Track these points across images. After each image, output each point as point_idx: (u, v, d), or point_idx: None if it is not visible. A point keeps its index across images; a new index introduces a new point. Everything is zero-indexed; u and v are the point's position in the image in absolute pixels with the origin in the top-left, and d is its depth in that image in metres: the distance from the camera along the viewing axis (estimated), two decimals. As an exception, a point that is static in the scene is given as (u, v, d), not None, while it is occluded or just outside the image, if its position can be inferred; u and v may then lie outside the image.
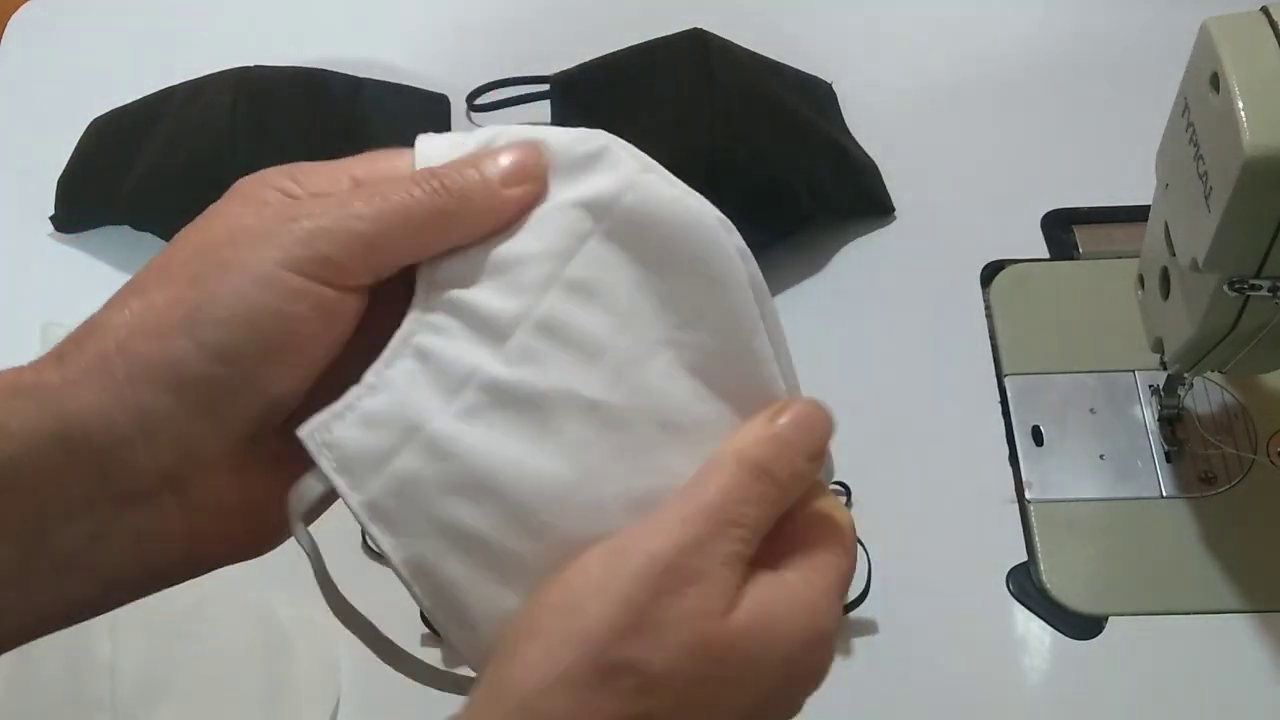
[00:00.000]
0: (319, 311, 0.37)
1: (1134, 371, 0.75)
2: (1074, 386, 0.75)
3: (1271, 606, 0.67)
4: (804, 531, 0.39)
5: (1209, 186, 0.54)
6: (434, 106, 0.90)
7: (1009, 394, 0.75)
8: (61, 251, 0.86)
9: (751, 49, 0.88)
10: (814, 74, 0.90)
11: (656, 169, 0.40)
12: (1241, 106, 0.51)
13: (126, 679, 0.62)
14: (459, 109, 0.90)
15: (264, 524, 0.40)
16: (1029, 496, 0.71)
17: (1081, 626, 0.67)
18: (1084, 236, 0.82)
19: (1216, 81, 0.53)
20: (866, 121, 0.88)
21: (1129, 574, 0.69)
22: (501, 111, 0.89)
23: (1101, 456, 0.72)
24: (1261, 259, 0.55)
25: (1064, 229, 0.82)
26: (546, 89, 0.89)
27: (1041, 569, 0.69)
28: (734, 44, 0.86)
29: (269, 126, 0.81)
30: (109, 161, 0.86)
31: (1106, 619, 0.67)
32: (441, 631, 0.38)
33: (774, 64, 0.88)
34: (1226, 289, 0.56)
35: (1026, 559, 0.69)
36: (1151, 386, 0.74)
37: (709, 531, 0.36)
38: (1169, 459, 0.72)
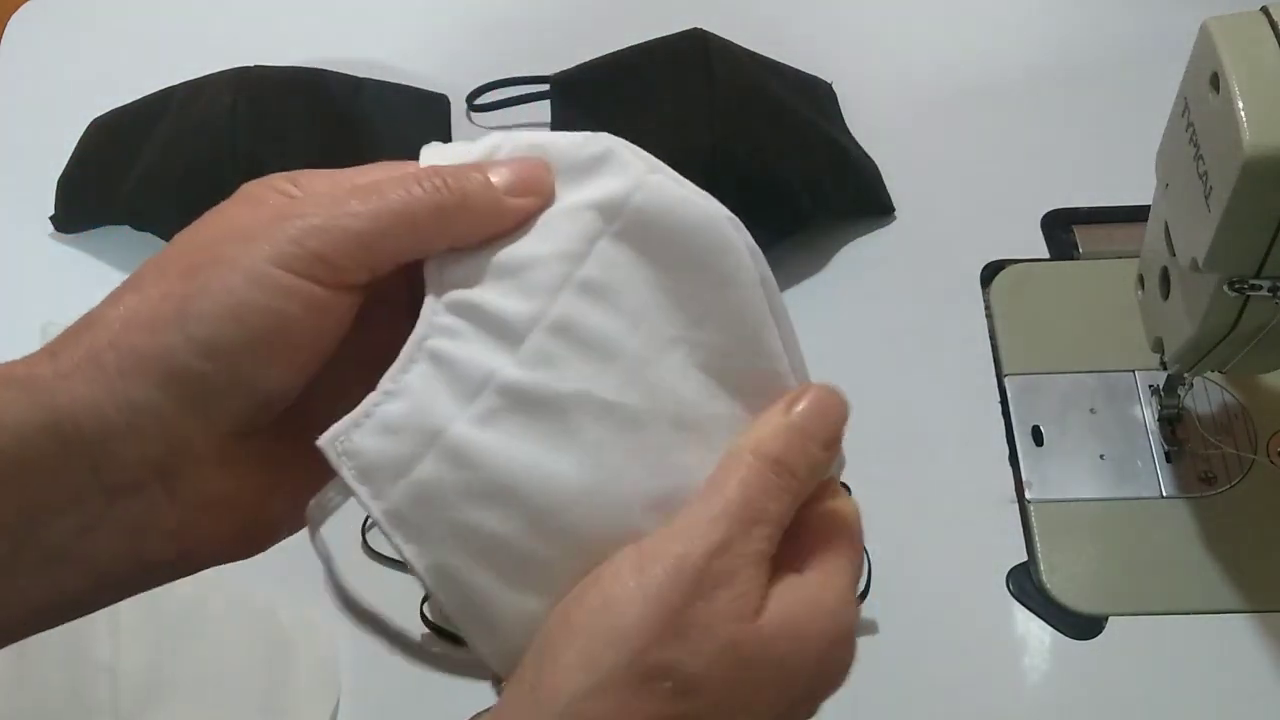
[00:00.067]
0: (310, 309, 0.37)
1: (1134, 371, 0.75)
2: (1074, 386, 0.75)
3: (1271, 606, 0.67)
4: (818, 530, 0.40)
5: (1209, 186, 0.54)
6: (434, 106, 0.90)
7: (1009, 394, 0.75)
8: (61, 251, 0.86)
9: (751, 49, 0.88)
10: (814, 74, 0.90)
11: (663, 169, 0.40)
12: (1241, 106, 0.51)
13: (127, 680, 0.62)
14: (459, 109, 0.90)
15: (257, 522, 0.40)
16: (1029, 496, 0.71)
17: (1081, 626, 0.67)
18: (1084, 236, 0.82)
19: (1216, 81, 0.53)
20: (866, 121, 0.88)
21: (1129, 574, 0.69)
22: (501, 111, 0.89)
23: (1101, 456, 0.72)
24: (1261, 259, 0.55)
25: (1064, 229, 0.82)
26: (546, 89, 0.89)
27: (1041, 569, 0.69)
28: (734, 44, 0.86)
29: (269, 126, 0.81)
30: (109, 161, 0.86)
31: (1106, 619, 0.67)
32: (466, 637, 0.38)
33: (774, 64, 0.88)
34: (1226, 289, 0.56)
35: (1026, 559, 0.69)
36: (1151, 386, 0.74)
37: (735, 532, 0.37)
38: (1169, 459, 0.72)
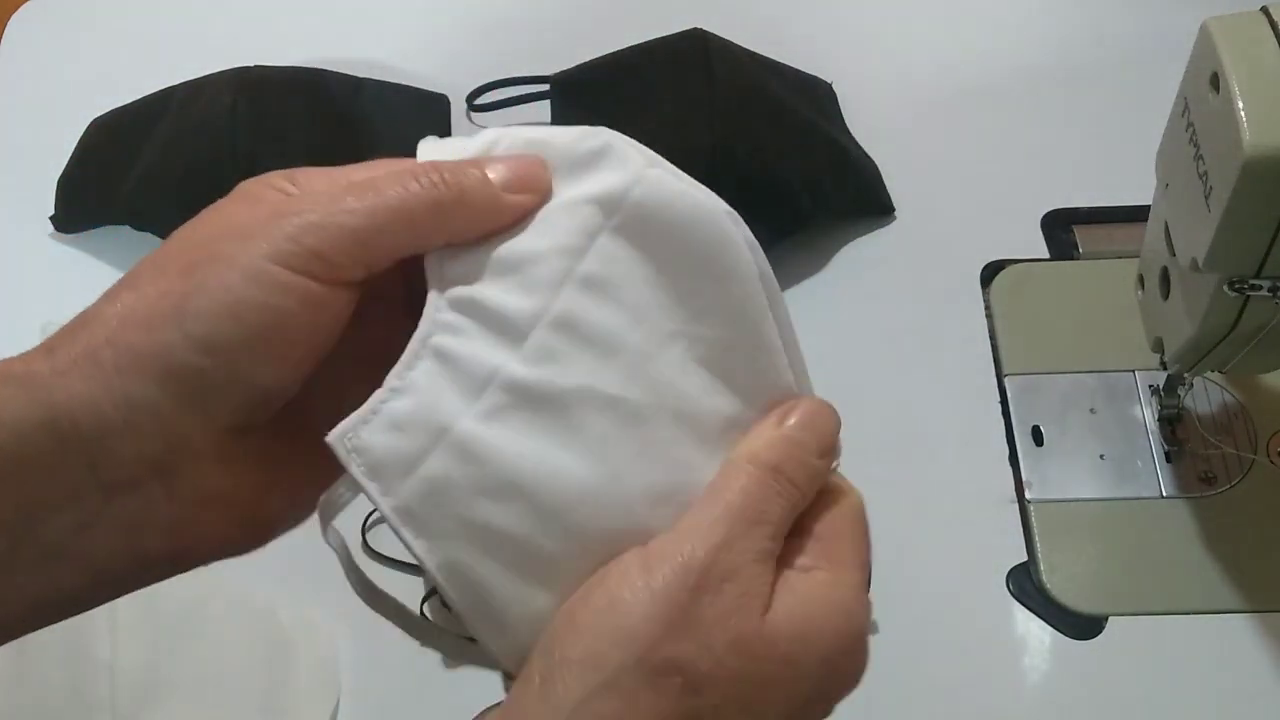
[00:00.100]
0: (308, 306, 0.37)
1: (1134, 371, 0.75)
2: (1074, 386, 0.75)
3: (1271, 606, 0.67)
4: (824, 529, 0.40)
5: (1209, 186, 0.54)
6: (434, 106, 0.90)
7: (1009, 394, 0.75)
8: (61, 251, 0.86)
9: (751, 49, 0.88)
10: (814, 74, 0.90)
11: (662, 164, 0.40)
12: (1241, 106, 0.51)
13: (126, 679, 0.62)
14: (459, 109, 0.90)
15: (254, 518, 0.40)
16: (1029, 496, 0.71)
17: (1081, 626, 0.67)
18: (1084, 236, 0.82)
19: (1216, 81, 0.53)
20: (866, 121, 0.88)
21: (1129, 574, 0.69)
22: (501, 111, 0.89)
23: (1101, 456, 0.72)
24: (1261, 259, 0.55)
25: (1064, 229, 0.82)
26: (546, 89, 0.89)
27: (1041, 569, 0.69)
28: (734, 44, 0.86)
29: (269, 126, 0.81)
30: (109, 161, 0.86)
31: (1106, 619, 0.67)
32: (475, 633, 0.38)
33: (774, 64, 0.88)
34: (1226, 289, 0.56)
35: (1026, 559, 0.69)
36: (1151, 386, 0.74)
37: (738, 531, 0.37)
38: (1169, 459, 0.72)
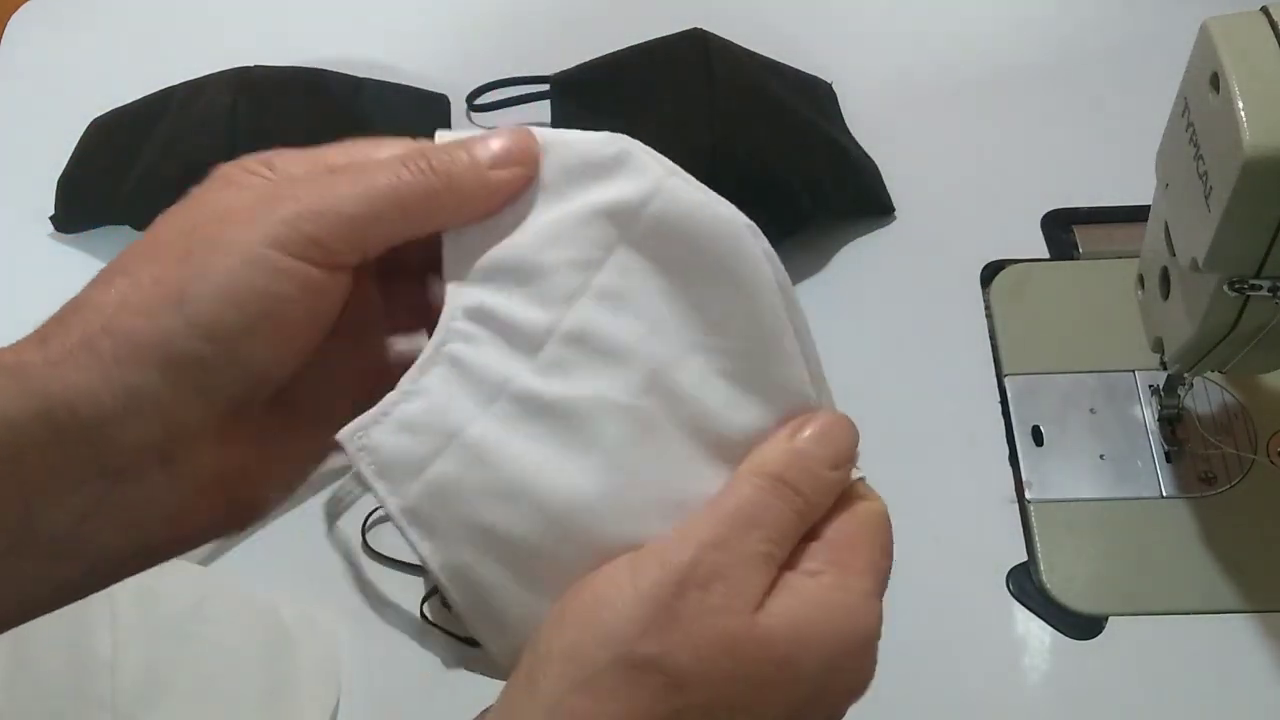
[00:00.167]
0: (306, 291, 0.37)
1: (1134, 371, 0.75)
2: (1074, 386, 0.75)
3: (1271, 606, 0.67)
4: (840, 534, 0.39)
5: (1209, 186, 0.54)
6: (434, 106, 0.90)
7: (1009, 394, 0.75)
8: (61, 251, 0.86)
9: (751, 49, 0.88)
10: (814, 74, 0.90)
11: (680, 173, 0.39)
12: (1241, 106, 0.51)
13: (127, 678, 0.62)
14: (459, 109, 0.90)
15: (248, 499, 0.40)
16: (1029, 496, 0.71)
17: (1081, 626, 0.67)
18: (1084, 236, 0.82)
19: (1216, 81, 0.53)
20: (866, 121, 0.88)
21: (1129, 574, 0.69)
22: (501, 111, 0.89)
23: (1101, 456, 0.72)
24: (1261, 259, 0.55)
25: (1064, 229, 0.82)
26: (546, 89, 0.89)
27: (1041, 569, 0.69)
28: (734, 44, 0.86)
29: (269, 126, 0.81)
30: (109, 161, 0.86)
31: (1106, 619, 0.67)
32: (476, 635, 0.38)
33: (774, 64, 0.88)
34: (1226, 289, 0.56)
35: (1026, 559, 0.69)
36: (1151, 386, 0.74)
37: (729, 533, 0.37)
38: (1169, 459, 0.72)
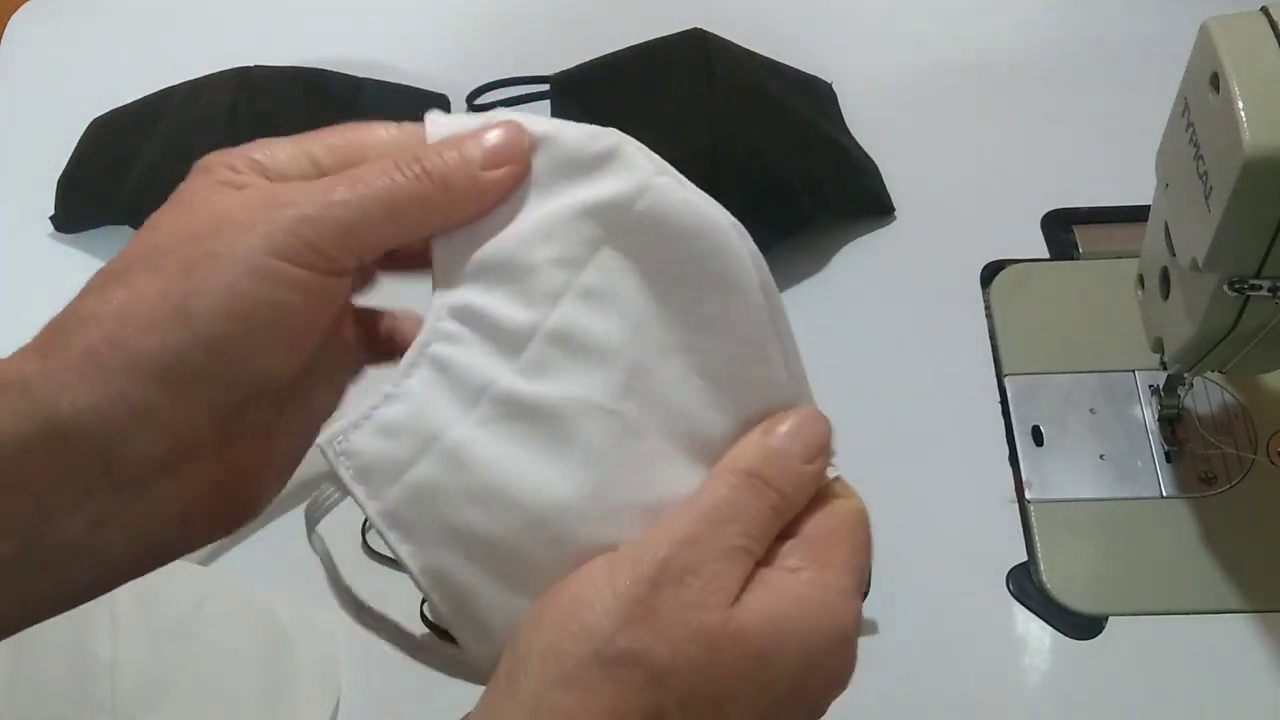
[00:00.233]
0: (308, 297, 0.37)
1: (1134, 371, 0.75)
2: (1074, 386, 0.75)
3: (1271, 606, 0.67)
4: (818, 531, 0.40)
5: (1209, 186, 0.54)
6: (434, 106, 0.89)
7: (1009, 394, 0.75)
8: (61, 251, 0.86)
9: (751, 49, 0.88)
10: (814, 74, 0.90)
11: (670, 171, 0.39)
12: (1241, 106, 0.51)
13: (127, 679, 0.62)
14: (459, 109, 0.90)
15: (248, 495, 0.40)
16: (1029, 496, 0.71)
17: (1081, 626, 0.67)
18: (1084, 236, 0.82)
19: (1216, 81, 0.53)
20: (866, 121, 0.88)
21: (1129, 574, 0.69)
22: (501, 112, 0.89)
23: (1101, 456, 0.72)
24: (1261, 259, 0.55)
25: (1064, 229, 0.82)
26: (546, 89, 0.89)
27: (1041, 569, 0.69)
28: (734, 44, 0.86)
29: (269, 127, 0.80)
30: (109, 161, 0.86)
31: (1106, 619, 0.67)
32: (458, 638, 0.39)
33: (774, 64, 0.88)
34: (1226, 289, 0.56)
35: (1026, 559, 0.69)
36: (1151, 386, 0.74)
37: (703, 529, 0.37)
38: (1169, 459, 0.72)
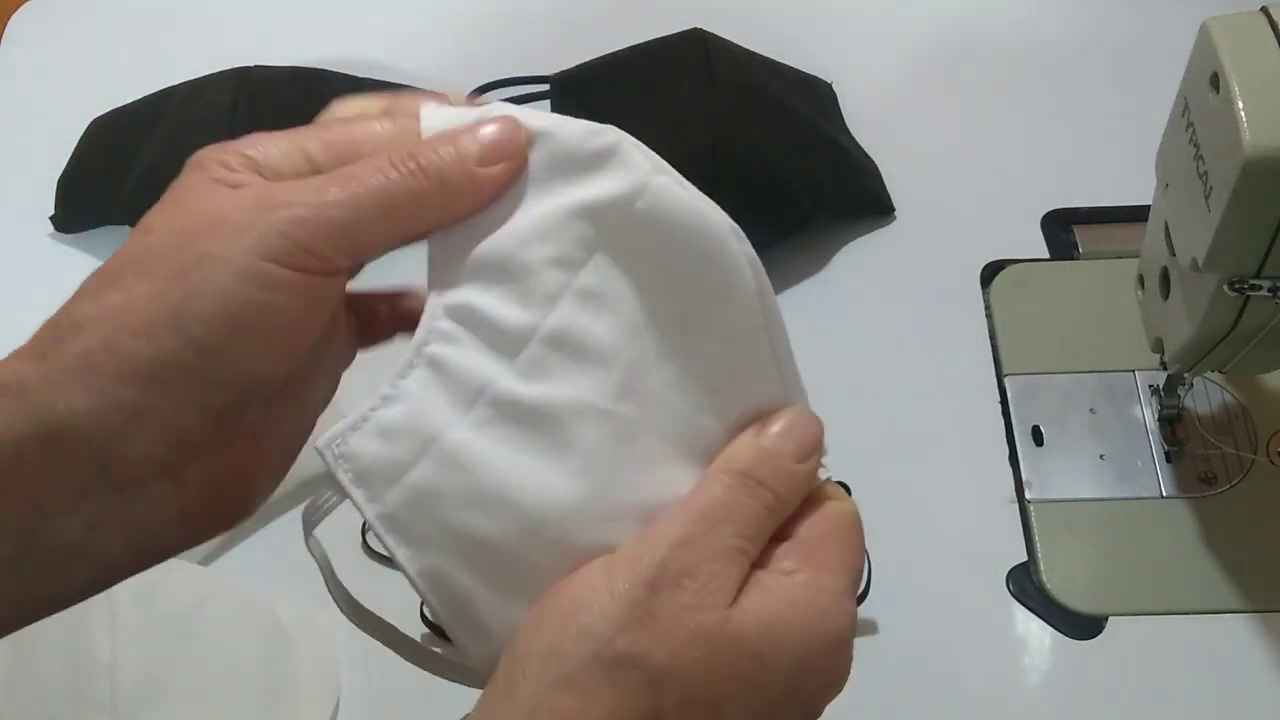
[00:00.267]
0: (302, 299, 0.37)
1: (1134, 371, 0.75)
2: (1074, 386, 0.75)
3: (1271, 606, 0.67)
4: (813, 534, 0.40)
5: (1209, 186, 0.54)
6: (434, 106, 0.90)
7: (1009, 394, 0.75)
8: (61, 251, 0.86)
9: (751, 49, 0.88)
10: (814, 74, 0.90)
11: (668, 170, 0.39)
12: (1241, 106, 0.51)
13: (126, 679, 0.62)
14: (459, 109, 0.90)
15: (245, 492, 0.40)
16: (1029, 496, 0.71)
17: (1081, 626, 0.67)
18: (1084, 236, 0.82)
19: (1216, 81, 0.53)
20: (866, 121, 0.88)
21: (1129, 574, 0.69)
22: (501, 111, 0.89)
23: (1101, 456, 0.72)
24: (1261, 259, 0.55)
25: (1064, 229, 0.82)
26: (546, 89, 0.89)
27: (1041, 569, 0.69)
28: (734, 44, 0.86)
29: (269, 127, 0.80)
30: (109, 161, 0.86)
31: (1106, 619, 0.67)
32: (456, 640, 0.39)
33: (774, 64, 0.88)
34: (1226, 289, 0.56)
35: (1026, 559, 0.69)
36: (1151, 386, 0.74)
37: (698, 531, 0.37)
38: (1169, 459, 0.72)
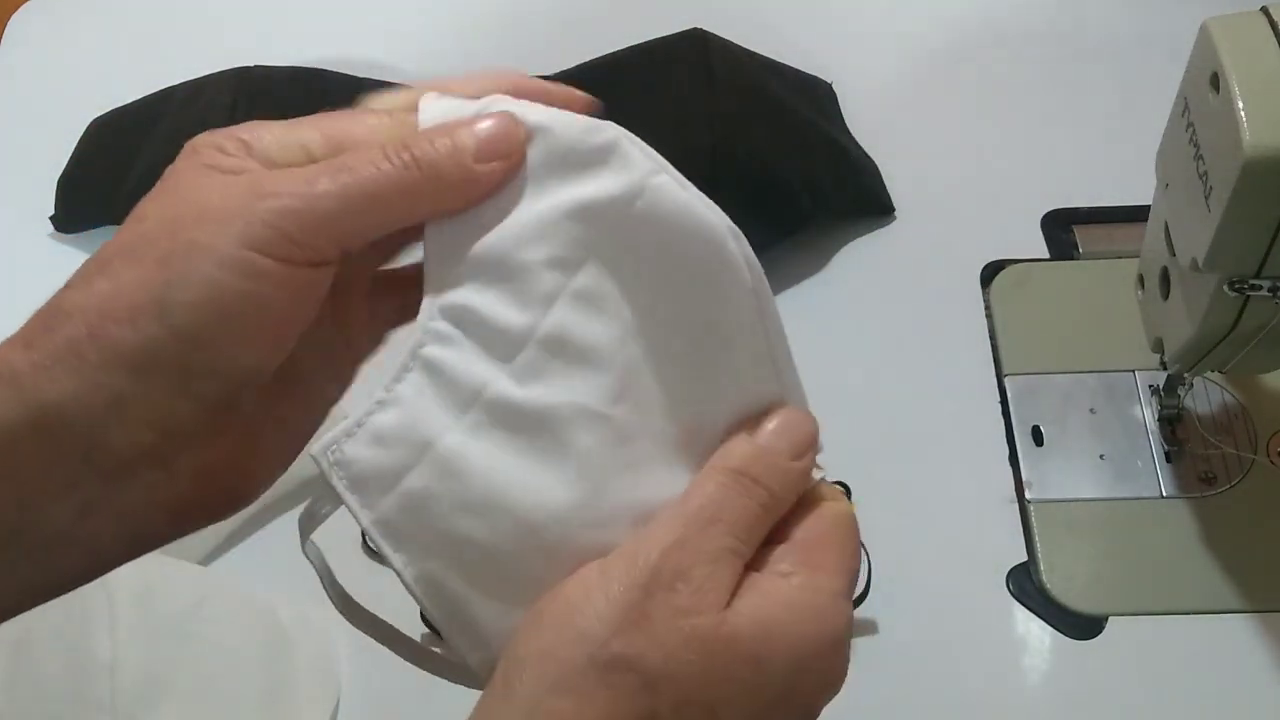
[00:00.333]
0: (287, 290, 0.37)
1: (1134, 371, 0.75)
2: (1074, 386, 0.75)
3: (1271, 606, 0.67)
4: (809, 536, 0.39)
5: (1209, 186, 0.54)
6: (434, 106, 0.90)
7: (1009, 394, 0.75)
8: (61, 251, 0.86)
9: (751, 49, 0.88)
10: (814, 74, 0.90)
11: (667, 169, 0.39)
12: (1241, 106, 0.51)
13: (126, 679, 0.62)
14: (459, 109, 0.90)
15: (240, 484, 0.40)
16: (1029, 496, 0.71)
17: (1081, 626, 0.67)
18: (1084, 236, 0.82)
19: (1216, 81, 0.53)
20: (866, 121, 0.88)
21: (1129, 574, 0.69)
22: (501, 111, 0.89)
23: (1101, 456, 0.72)
24: (1261, 259, 0.55)
25: (1064, 229, 0.82)
26: (546, 89, 0.89)
27: (1041, 569, 0.69)
28: (734, 44, 0.86)
29: None
30: (109, 161, 0.86)
31: (1106, 619, 0.67)
32: (452, 645, 0.39)
33: (774, 64, 0.88)
34: (1226, 289, 0.56)
35: (1026, 559, 0.69)
36: (1151, 386, 0.74)
37: (691, 531, 0.37)
38: (1169, 459, 0.72)
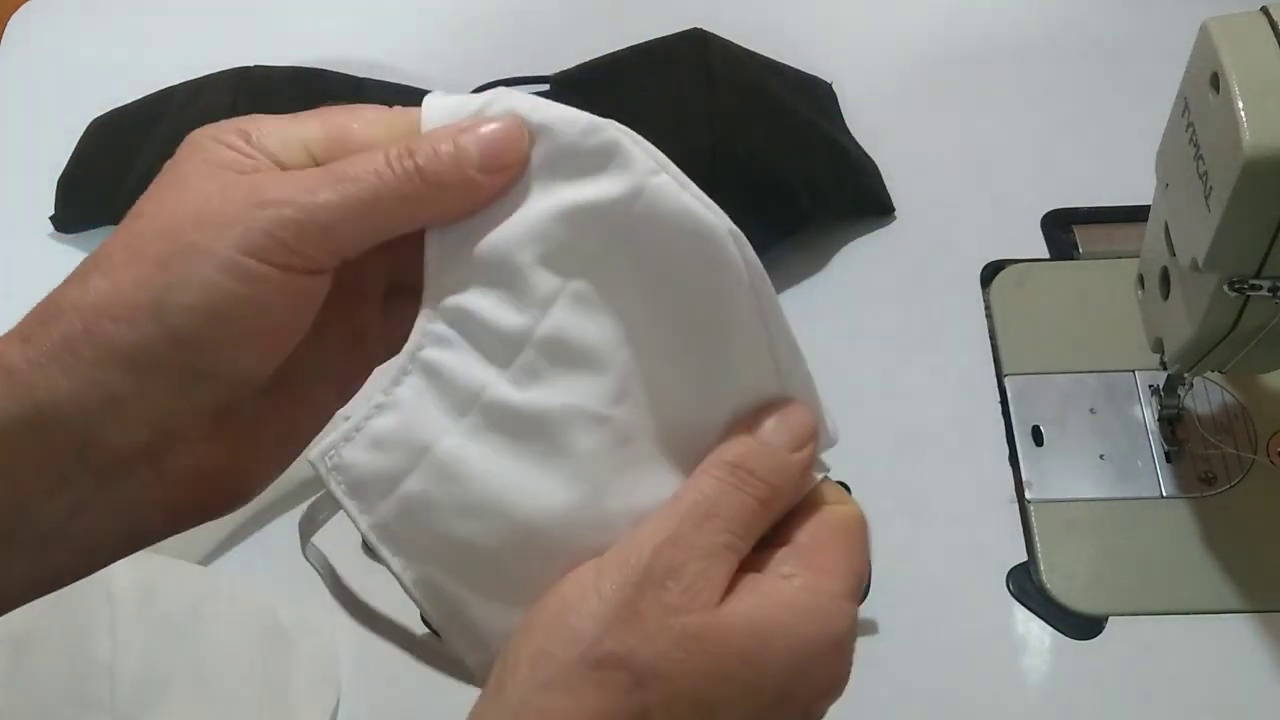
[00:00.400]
0: (285, 296, 0.37)
1: (1134, 371, 0.75)
2: (1074, 386, 0.75)
3: (1271, 606, 0.67)
4: (811, 538, 0.39)
5: (1209, 186, 0.54)
6: (434, 106, 0.90)
7: (1009, 394, 0.75)
8: (61, 251, 0.86)
9: (751, 49, 0.88)
10: (814, 74, 0.90)
11: (668, 168, 0.39)
12: (1241, 106, 0.51)
13: (126, 679, 0.62)
14: (459, 109, 0.90)
15: (237, 485, 0.40)
16: (1029, 496, 0.71)
17: (1081, 626, 0.67)
18: (1084, 236, 0.82)
19: (1216, 81, 0.53)
20: (866, 121, 0.88)
21: (1129, 574, 0.69)
22: (501, 111, 0.89)
23: (1101, 456, 0.72)
24: (1261, 259, 0.55)
25: (1064, 229, 0.82)
26: (546, 89, 0.89)
27: (1041, 569, 0.69)
28: (734, 44, 0.86)
29: None
30: (109, 161, 0.86)
31: (1106, 619, 0.67)
32: (451, 647, 0.39)
33: (774, 64, 0.88)
34: (1226, 289, 0.56)
35: (1026, 559, 0.69)
36: (1151, 386, 0.74)
37: (685, 527, 0.37)
38: (1169, 459, 0.72)
